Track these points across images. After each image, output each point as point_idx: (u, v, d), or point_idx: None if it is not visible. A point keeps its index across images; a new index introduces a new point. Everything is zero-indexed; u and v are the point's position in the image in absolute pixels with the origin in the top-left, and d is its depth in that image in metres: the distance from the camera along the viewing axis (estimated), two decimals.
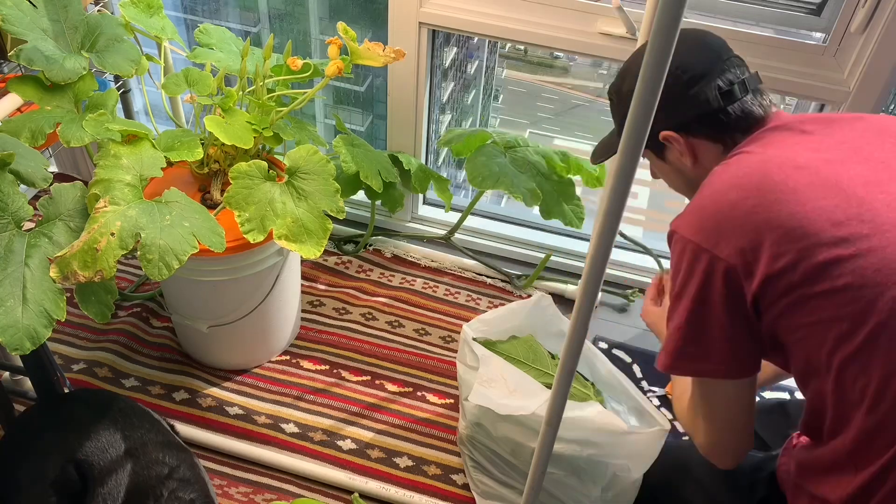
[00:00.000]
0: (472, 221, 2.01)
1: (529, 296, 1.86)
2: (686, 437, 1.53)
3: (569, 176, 1.80)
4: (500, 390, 1.34)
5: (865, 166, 0.93)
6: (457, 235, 1.98)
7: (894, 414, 0.86)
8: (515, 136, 1.84)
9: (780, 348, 0.97)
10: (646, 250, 1.92)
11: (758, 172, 0.94)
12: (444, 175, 1.90)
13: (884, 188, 0.90)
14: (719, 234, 0.93)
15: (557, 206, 1.74)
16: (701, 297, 0.95)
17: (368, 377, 1.65)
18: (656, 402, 1.62)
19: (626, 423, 1.24)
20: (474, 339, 1.43)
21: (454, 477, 1.48)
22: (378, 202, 1.87)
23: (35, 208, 1.11)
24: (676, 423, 1.57)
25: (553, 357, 1.47)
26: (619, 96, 1.14)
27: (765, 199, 0.91)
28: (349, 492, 1.44)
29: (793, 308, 0.90)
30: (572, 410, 1.24)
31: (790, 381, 1.60)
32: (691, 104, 1.03)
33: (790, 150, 0.97)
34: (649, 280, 1.92)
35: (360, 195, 1.83)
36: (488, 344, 1.46)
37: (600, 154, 1.24)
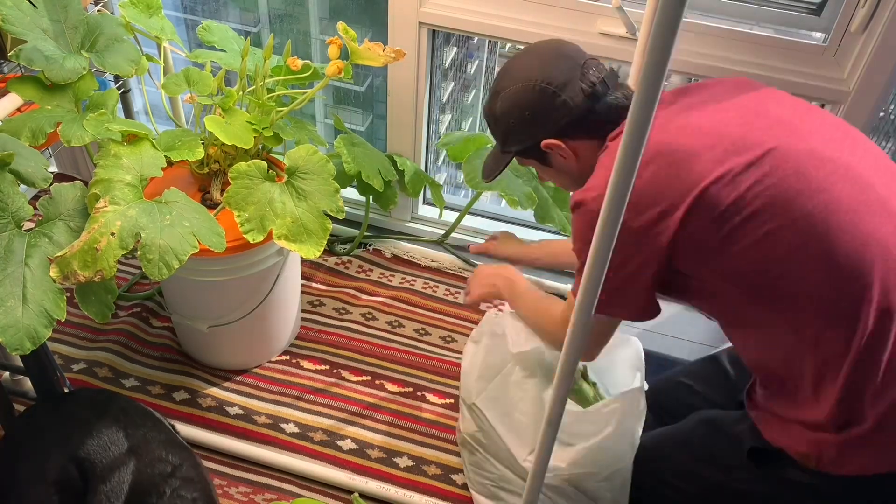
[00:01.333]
0: (471, 221, 2.01)
1: None
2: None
3: None
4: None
5: (735, 112, 1.04)
6: (455, 235, 1.97)
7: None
8: None
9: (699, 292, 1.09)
10: None
11: (654, 140, 1.02)
12: (444, 174, 1.91)
13: (760, 119, 1.02)
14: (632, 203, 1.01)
15: (551, 212, 1.78)
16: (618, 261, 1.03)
17: (368, 377, 1.65)
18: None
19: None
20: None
21: (454, 477, 1.48)
22: (371, 199, 1.87)
23: (35, 208, 1.11)
24: None
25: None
26: (495, 117, 1.21)
27: (660, 162, 1.00)
28: (349, 492, 1.44)
29: (716, 252, 1.00)
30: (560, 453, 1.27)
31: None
32: (563, 111, 1.12)
33: (660, 120, 1.04)
34: None
35: (353, 194, 1.83)
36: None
37: (490, 172, 1.29)
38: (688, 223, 0.99)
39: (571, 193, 1.12)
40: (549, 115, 1.14)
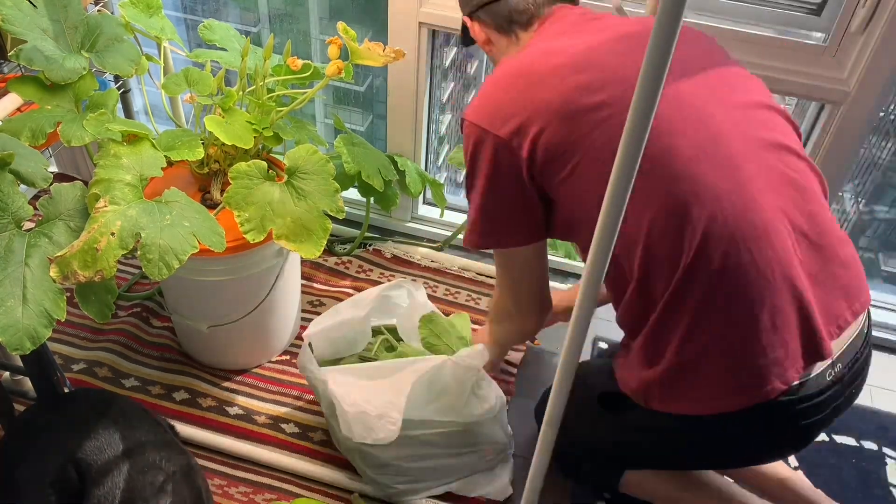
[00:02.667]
0: None
1: None
2: None
3: None
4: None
5: (617, 43, 1.09)
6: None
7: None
8: None
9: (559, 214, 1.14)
10: None
11: (524, 62, 1.12)
12: (444, 173, 1.91)
13: (631, 56, 1.05)
14: (496, 116, 1.09)
15: (556, 241, 1.79)
16: (490, 174, 1.11)
17: None
18: None
19: None
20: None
21: None
22: (372, 200, 1.87)
23: (35, 208, 1.11)
24: None
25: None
26: None
27: (528, 81, 1.08)
28: (349, 492, 1.44)
29: (560, 172, 1.07)
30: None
31: None
32: None
33: (551, 42, 1.13)
34: None
35: (354, 194, 1.83)
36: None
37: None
38: (537, 142, 1.05)
39: None
40: None
